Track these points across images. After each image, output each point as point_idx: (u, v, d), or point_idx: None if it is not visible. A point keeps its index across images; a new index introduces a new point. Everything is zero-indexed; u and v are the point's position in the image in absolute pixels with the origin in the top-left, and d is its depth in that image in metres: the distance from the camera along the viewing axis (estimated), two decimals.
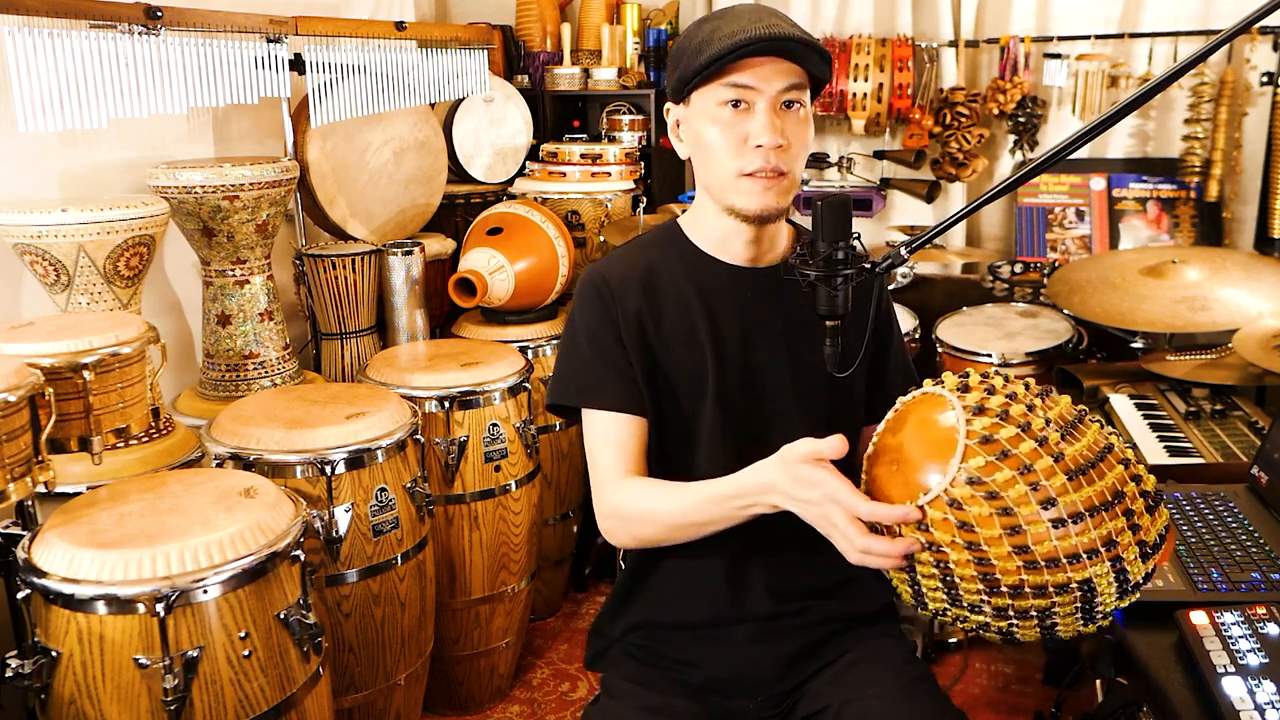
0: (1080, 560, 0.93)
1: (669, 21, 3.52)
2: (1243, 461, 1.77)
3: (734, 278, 1.37)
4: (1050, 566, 0.93)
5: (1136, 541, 0.96)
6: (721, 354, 1.35)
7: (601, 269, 1.39)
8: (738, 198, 1.30)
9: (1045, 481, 0.93)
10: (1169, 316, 2.25)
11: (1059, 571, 0.93)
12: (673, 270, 1.38)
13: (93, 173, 2.26)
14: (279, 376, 2.37)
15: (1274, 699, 0.97)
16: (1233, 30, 1.05)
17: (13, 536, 1.56)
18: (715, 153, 1.29)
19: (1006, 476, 0.93)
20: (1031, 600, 0.95)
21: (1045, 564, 0.93)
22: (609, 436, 1.34)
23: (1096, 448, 0.98)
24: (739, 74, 1.24)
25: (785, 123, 1.26)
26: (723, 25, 1.25)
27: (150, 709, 1.43)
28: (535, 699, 2.49)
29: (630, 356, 1.34)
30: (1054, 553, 0.93)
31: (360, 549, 1.96)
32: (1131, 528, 0.96)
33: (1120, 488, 0.96)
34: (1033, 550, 0.93)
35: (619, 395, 1.33)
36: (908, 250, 1.15)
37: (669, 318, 1.36)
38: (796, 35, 1.23)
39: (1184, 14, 2.98)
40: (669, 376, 1.35)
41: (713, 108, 1.27)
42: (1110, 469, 0.97)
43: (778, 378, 1.37)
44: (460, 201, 3.16)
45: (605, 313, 1.35)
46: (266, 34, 2.27)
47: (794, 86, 1.26)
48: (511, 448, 2.37)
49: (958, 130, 3.14)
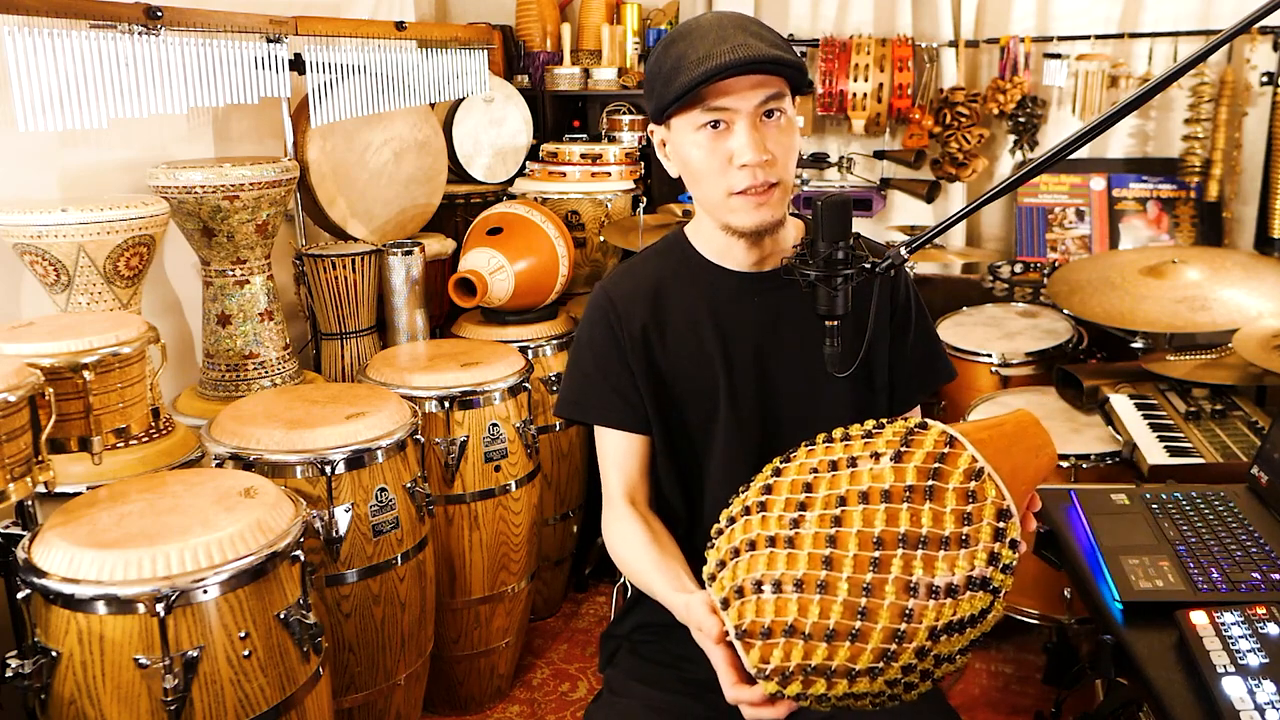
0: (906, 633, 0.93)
1: (669, 21, 3.52)
2: (1243, 461, 1.77)
3: (741, 284, 1.37)
4: (886, 664, 0.92)
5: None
6: (731, 364, 1.35)
7: (608, 287, 1.41)
8: (732, 216, 1.29)
9: (805, 620, 0.91)
10: (1169, 316, 2.25)
11: (894, 664, 0.92)
12: (680, 281, 1.39)
13: (93, 173, 2.26)
14: (279, 376, 2.37)
15: (1274, 699, 0.97)
16: (1233, 30, 1.05)
17: (13, 536, 1.56)
18: (702, 175, 1.28)
19: (782, 652, 0.92)
20: (900, 684, 0.95)
21: (875, 672, 0.92)
22: (611, 455, 1.40)
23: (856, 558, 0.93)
24: (713, 98, 1.22)
25: (768, 134, 1.24)
26: (690, 49, 1.22)
27: (150, 709, 1.43)
28: (535, 699, 2.49)
29: (635, 376, 1.36)
30: (866, 661, 0.92)
31: (360, 549, 1.96)
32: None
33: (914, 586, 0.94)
34: (856, 672, 0.92)
35: (619, 414, 1.37)
36: (908, 250, 1.15)
37: (676, 332, 1.37)
38: (765, 54, 1.19)
39: (1184, 14, 2.98)
40: (677, 391, 1.37)
41: (692, 132, 1.26)
42: (896, 568, 0.92)
43: (793, 382, 1.36)
44: (460, 201, 3.16)
45: (610, 333, 1.38)
46: (266, 34, 2.27)
47: (771, 98, 1.23)
48: (511, 448, 2.37)
49: (958, 130, 3.14)
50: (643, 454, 1.39)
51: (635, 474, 1.39)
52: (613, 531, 1.37)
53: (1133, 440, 1.92)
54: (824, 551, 0.92)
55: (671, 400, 1.37)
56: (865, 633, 0.90)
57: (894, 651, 0.90)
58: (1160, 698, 1.04)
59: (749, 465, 1.27)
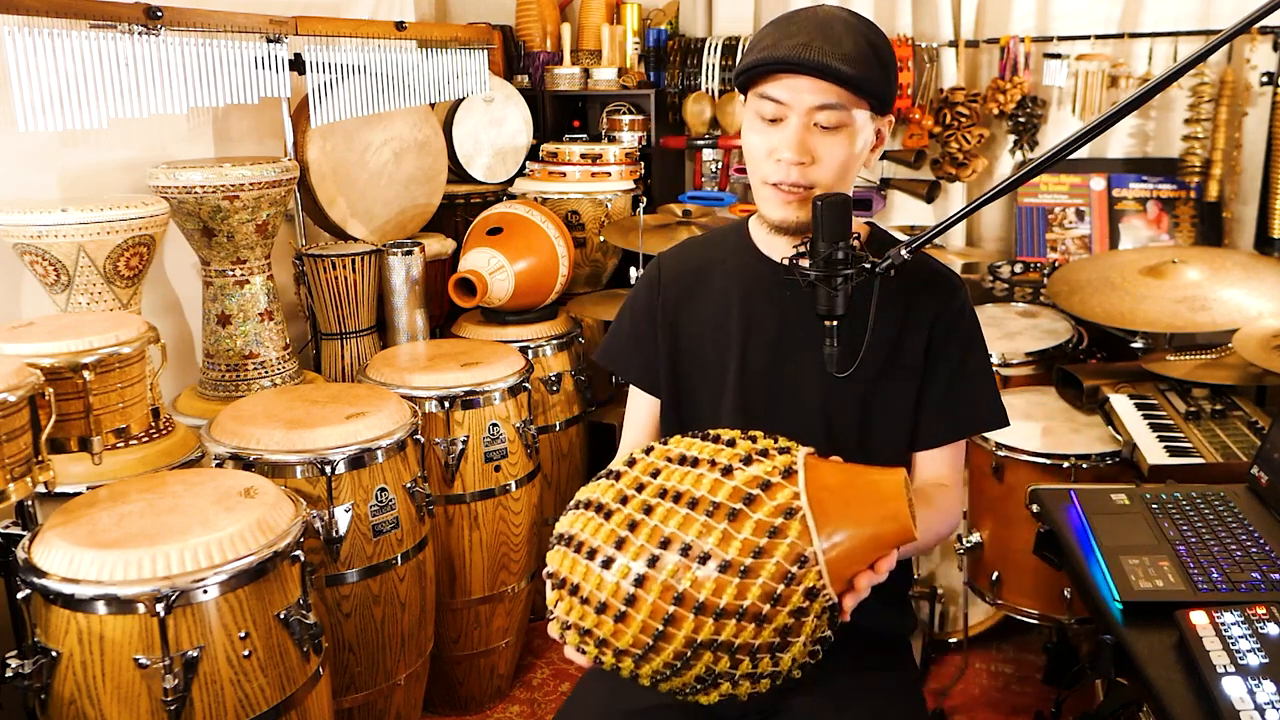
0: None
1: (669, 21, 3.52)
2: (1243, 461, 1.77)
3: (776, 275, 1.35)
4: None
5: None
6: (747, 349, 1.36)
7: (665, 255, 1.49)
8: (763, 204, 1.32)
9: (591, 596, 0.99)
10: (1169, 316, 2.25)
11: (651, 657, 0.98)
12: (725, 265, 1.42)
13: (93, 173, 2.26)
14: (279, 376, 2.37)
15: (1274, 699, 0.97)
16: (1233, 30, 1.05)
17: (13, 536, 1.56)
18: (751, 156, 1.31)
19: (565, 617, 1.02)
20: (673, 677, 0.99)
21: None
22: (632, 411, 1.49)
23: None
24: (772, 87, 1.24)
25: (818, 140, 1.24)
26: (772, 33, 1.24)
27: (150, 709, 1.43)
28: (535, 699, 2.49)
29: (659, 340, 1.43)
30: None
31: (360, 549, 1.96)
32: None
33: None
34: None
35: (638, 371, 1.46)
36: (908, 250, 1.15)
37: (706, 310, 1.40)
38: (821, 63, 1.18)
39: (1184, 14, 2.98)
40: (690, 368, 1.41)
41: (752, 113, 1.28)
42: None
43: (805, 378, 1.34)
44: (460, 201, 3.16)
45: (651, 296, 1.45)
46: (266, 34, 2.27)
47: (829, 106, 1.22)
48: (511, 448, 2.37)
49: (958, 130, 3.14)
50: (652, 416, 1.47)
51: (642, 434, 1.47)
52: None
53: (1133, 440, 1.92)
54: (622, 533, 0.98)
55: (684, 373, 1.42)
56: (627, 618, 0.96)
57: (654, 646, 0.95)
58: (1160, 698, 1.04)
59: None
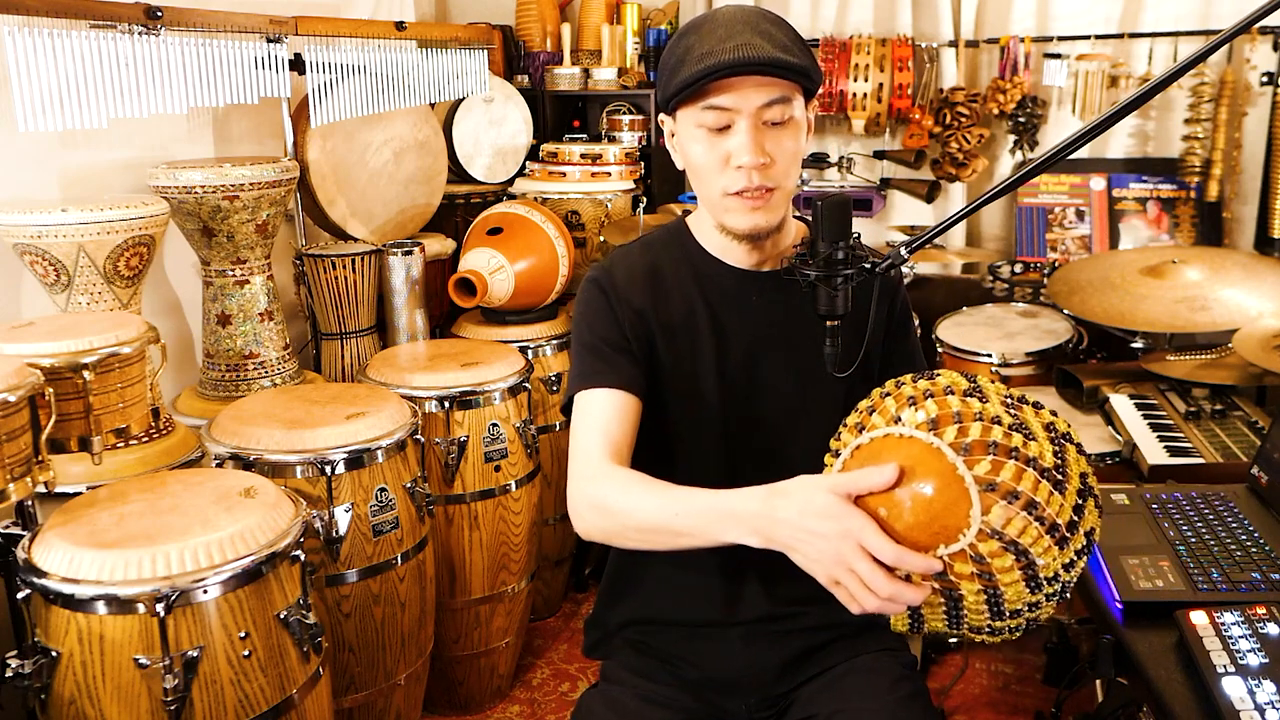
0: (1074, 564, 0.95)
1: (669, 21, 3.52)
2: (1243, 461, 1.77)
3: (741, 282, 1.35)
4: (1050, 581, 0.95)
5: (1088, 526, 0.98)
6: (725, 358, 1.34)
7: (605, 266, 1.37)
8: (727, 217, 1.28)
9: (1048, 510, 0.93)
10: (1169, 316, 2.25)
11: (1056, 582, 0.95)
12: (679, 271, 1.36)
13: (93, 173, 2.26)
14: (279, 376, 2.37)
15: (1274, 699, 0.97)
16: (1233, 30, 1.05)
17: (13, 536, 1.56)
18: (701, 172, 1.26)
19: (1021, 523, 0.92)
20: (1026, 613, 0.97)
21: (1047, 580, 0.94)
22: (596, 418, 1.26)
23: (1055, 439, 0.98)
24: (715, 96, 1.20)
25: (769, 138, 1.22)
26: (698, 43, 1.20)
27: (150, 709, 1.43)
28: (535, 699, 2.49)
29: (631, 340, 1.31)
30: (1055, 568, 0.94)
31: (360, 549, 1.96)
32: (1097, 508, 0.99)
33: (1085, 475, 0.98)
34: (1040, 576, 0.94)
35: (615, 374, 1.28)
36: (908, 250, 1.15)
37: (674, 318, 1.34)
38: (767, 56, 1.17)
39: (1184, 14, 2.98)
40: (667, 371, 1.34)
41: (694, 127, 1.24)
42: (1072, 458, 0.98)
43: (783, 383, 1.35)
44: (460, 201, 3.16)
45: (607, 306, 1.33)
46: (266, 34, 2.27)
47: (775, 101, 1.20)
48: (511, 448, 2.37)
49: (958, 130, 3.14)
50: (632, 420, 1.27)
51: (621, 436, 1.24)
52: (605, 493, 1.18)
53: (1133, 440, 1.92)
54: (1015, 422, 0.96)
55: (661, 382, 1.33)
56: (1062, 485, 0.94)
57: (1074, 523, 0.94)
58: (1160, 698, 1.04)
59: (721, 459, 1.26)
